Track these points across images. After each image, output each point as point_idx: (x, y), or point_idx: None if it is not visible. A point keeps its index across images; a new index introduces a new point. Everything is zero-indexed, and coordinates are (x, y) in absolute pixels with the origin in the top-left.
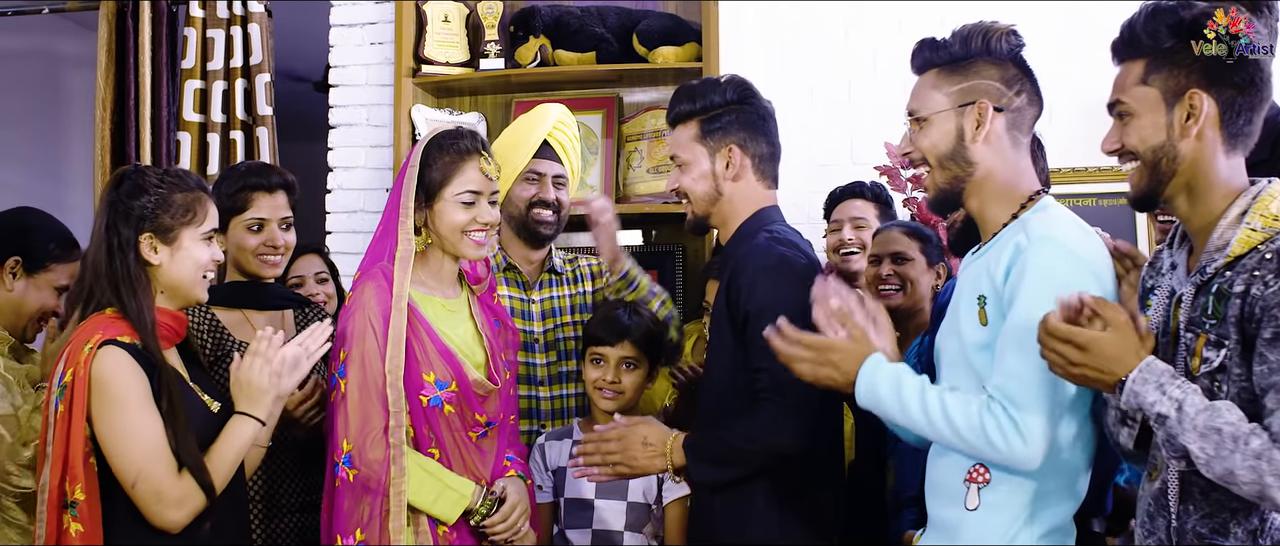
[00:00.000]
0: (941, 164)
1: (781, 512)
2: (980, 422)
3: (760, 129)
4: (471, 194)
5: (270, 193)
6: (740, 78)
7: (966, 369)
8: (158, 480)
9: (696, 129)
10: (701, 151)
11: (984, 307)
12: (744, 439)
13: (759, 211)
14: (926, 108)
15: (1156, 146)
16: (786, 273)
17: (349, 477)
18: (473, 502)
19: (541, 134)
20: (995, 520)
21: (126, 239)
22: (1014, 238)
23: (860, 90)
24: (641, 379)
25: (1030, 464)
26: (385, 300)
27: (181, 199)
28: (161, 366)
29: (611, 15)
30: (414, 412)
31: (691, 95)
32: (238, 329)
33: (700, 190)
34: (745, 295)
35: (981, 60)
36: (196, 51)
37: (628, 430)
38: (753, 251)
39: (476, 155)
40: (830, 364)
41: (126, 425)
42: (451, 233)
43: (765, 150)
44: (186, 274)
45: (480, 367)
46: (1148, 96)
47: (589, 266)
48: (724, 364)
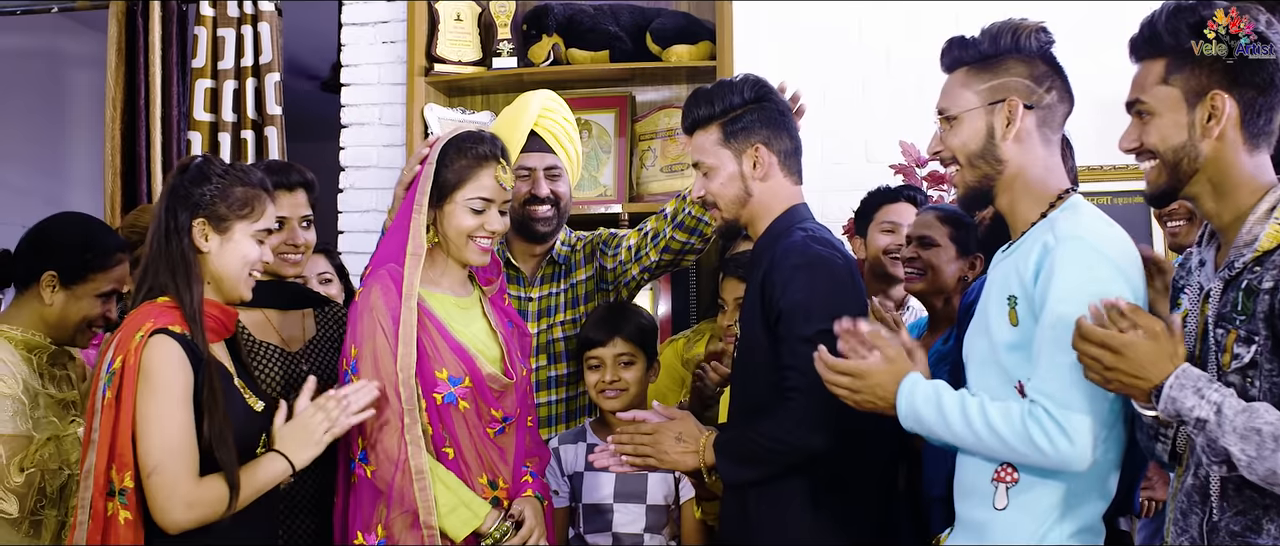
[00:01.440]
0: (971, 162)
1: (819, 513)
2: (1025, 428)
3: (782, 125)
4: (483, 201)
5: (291, 190)
6: (755, 76)
7: (997, 369)
8: (174, 475)
9: (718, 133)
10: (726, 155)
11: (1014, 308)
12: (771, 438)
13: (791, 209)
14: (956, 106)
15: (1177, 146)
16: (822, 271)
17: (366, 474)
18: (485, 525)
19: (526, 126)
20: (1025, 520)
21: (181, 223)
22: (1042, 236)
23: (874, 88)
24: (642, 373)
25: (1079, 464)
26: (392, 300)
27: (241, 192)
28: (206, 358)
29: (624, 14)
30: (428, 411)
31: (709, 99)
32: (259, 329)
33: (729, 194)
34: (779, 292)
35: (1011, 58)
36: (207, 50)
37: (662, 424)
38: (788, 249)
39: (494, 162)
40: (869, 389)
41: (159, 414)
42: (457, 236)
43: (789, 146)
44: (233, 267)
45: (495, 362)
46: (1169, 96)
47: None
48: (758, 362)
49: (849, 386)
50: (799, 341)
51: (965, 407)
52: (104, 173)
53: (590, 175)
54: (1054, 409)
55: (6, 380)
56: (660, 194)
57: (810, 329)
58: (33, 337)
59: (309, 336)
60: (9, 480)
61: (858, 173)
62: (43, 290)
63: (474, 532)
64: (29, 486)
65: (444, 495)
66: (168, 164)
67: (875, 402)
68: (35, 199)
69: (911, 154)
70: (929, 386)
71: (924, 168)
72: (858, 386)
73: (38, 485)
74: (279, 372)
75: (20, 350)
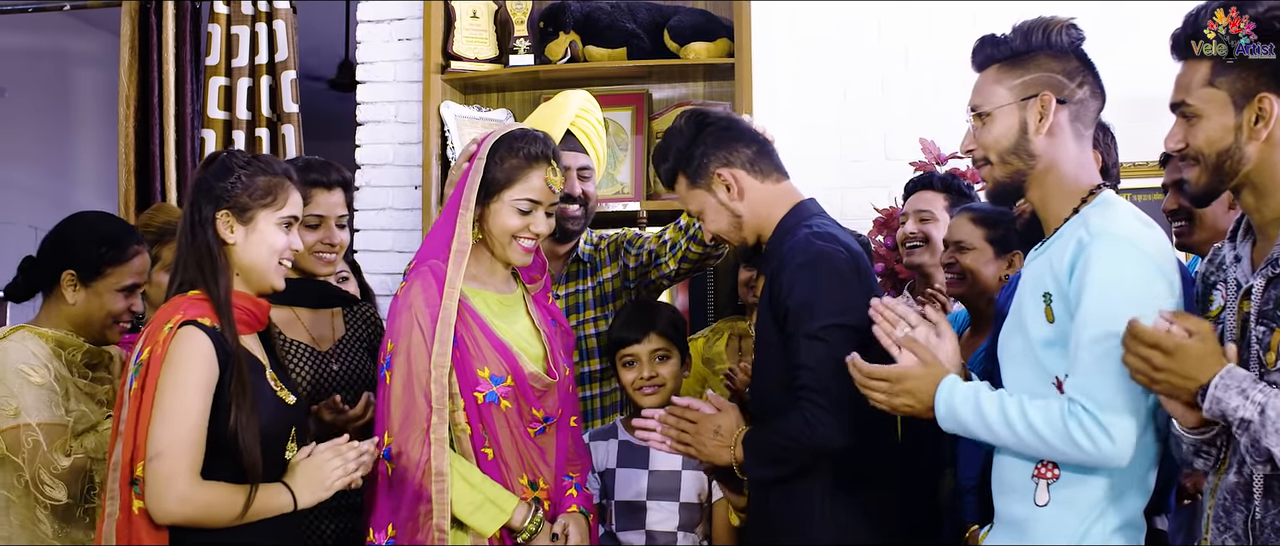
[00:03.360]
0: (1003, 158)
1: (840, 511)
2: (1065, 427)
3: (730, 137)
4: (530, 203)
5: (329, 189)
6: (687, 108)
7: (1034, 366)
8: (174, 462)
9: (684, 180)
10: (701, 194)
11: (1049, 304)
12: (787, 436)
13: (795, 207)
14: (989, 102)
15: (1224, 149)
16: (824, 267)
17: (387, 471)
18: (515, 520)
19: (565, 123)
20: (1067, 516)
21: (206, 216)
22: (1076, 232)
23: (893, 86)
24: (676, 367)
25: (1119, 462)
26: (433, 297)
27: (264, 181)
28: (236, 350)
29: (642, 11)
30: (469, 410)
31: (664, 154)
32: (289, 327)
33: (723, 224)
34: (785, 292)
35: (1043, 54)
36: (221, 48)
37: (707, 416)
38: (792, 248)
39: (545, 163)
40: (905, 393)
41: (174, 403)
42: (501, 235)
43: (749, 151)
44: (260, 257)
45: (538, 361)
46: (1215, 98)
47: (619, 235)
48: (771, 361)
49: (885, 391)
50: (807, 339)
51: (1005, 408)
52: (118, 171)
53: (607, 172)
54: (1094, 407)
55: (38, 370)
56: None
57: (816, 325)
58: (66, 336)
59: (338, 336)
60: (55, 466)
61: (877, 170)
62: (65, 290)
63: (506, 528)
64: (76, 472)
65: (468, 493)
66: (182, 162)
67: (911, 405)
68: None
69: (932, 151)
70: (967, 388)
71: (944, 165)
72: (894, 390)
73: (88, 470)
74: (308, 372)
75: (50, 344)
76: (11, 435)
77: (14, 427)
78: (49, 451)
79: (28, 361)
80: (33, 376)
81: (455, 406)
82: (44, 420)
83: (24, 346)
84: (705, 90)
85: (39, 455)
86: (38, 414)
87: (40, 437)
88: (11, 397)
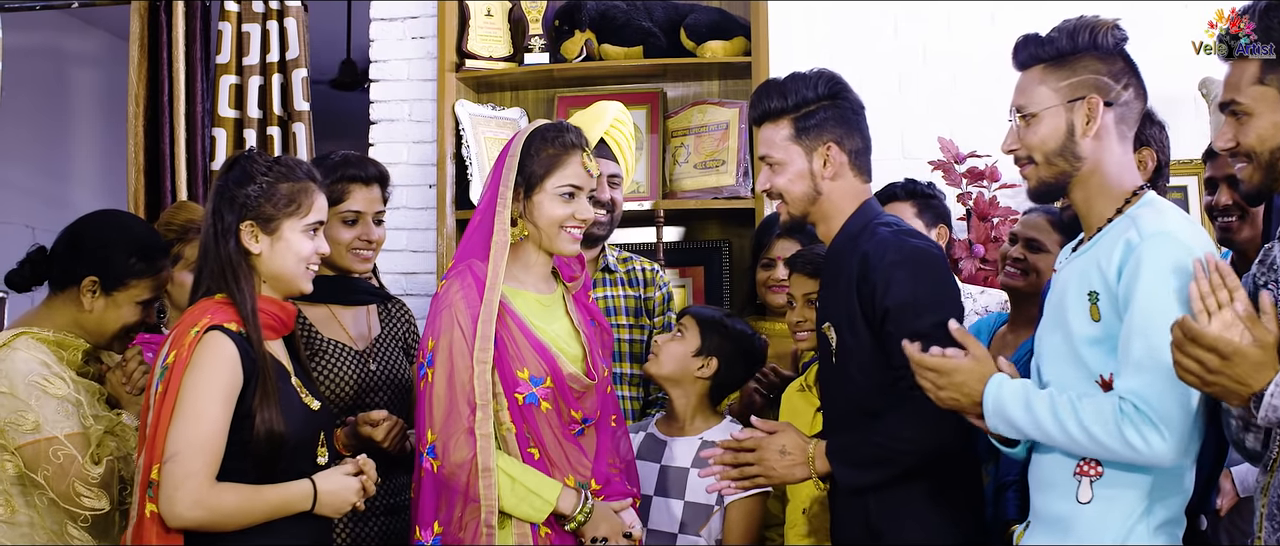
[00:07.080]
0: (1049, 160)
1: (941, 509)
2: (1118, 427)
3: (855, 124)
4: (572, 188)
5: (367, 185)
6: (830, 72)
7: (1076, 363)
8: (189, 463)
9: (789, 128)
10: (796, 151)
11: (1095, 303)
12: (895, 438)
13: (863, 205)
14: (1035, 103)
15: (1276, 147)
16: (924, 264)
17: (433, 468)
18: (562, 506)
19: (599, 131)
20: (1111, 513)
21: (229, 225)
22: (1124, 234)
23: (910, 85)
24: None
25: (1171, 462)
26: (473, 296)
27: (287, 189)
28: (260, 355)
29: (658, 9)
30: (511, 411)
31: (781, 92)
32: (324, 324)
33: (797, 191)
34: (881, 292)
35: (1089, 55)
36: (232, 46)
37: (765, 439)
38: (882, 246)
39: (580, 150)
40: (953, 387)
41: (194, 407)
42: (549, 226)
43: (860, 145)
44: (288, 266)
45: (577, 362)
46: (1266, 96)
47: (643, 271)
48: (862, 363)
49: (934, 382)
50: (914, 337)
51: (1055, 406)
52: (128, 170)
53: None
54: (1146, 407)
55: (54, 381)
56: (693, 190)
57: (923, 323)
58: (66, 337)
59: (374, 334)
60: (91, 476)
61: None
62: (83, 295)
63: (556, 515)
64: (111, 474)
65: (511, 487)
66: (192, 160)
67: (957, 399)
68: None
69: (950, 150)
70: (1016, 384)
71: (963, 164)
72: (943, 383)
73: (118, 472)
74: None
75: (53, 350)
76: (31, 450)
77: (33, 442)
78: (83, 462)
79: (41, 372)
80: (50, 388)
81: (500, 406)
82: (71, 431)
83: (32, 355)
84: (721, 89)
85: (73, 468)
86: (63, 426)
87: (72, 450)
88: (28, 411)
